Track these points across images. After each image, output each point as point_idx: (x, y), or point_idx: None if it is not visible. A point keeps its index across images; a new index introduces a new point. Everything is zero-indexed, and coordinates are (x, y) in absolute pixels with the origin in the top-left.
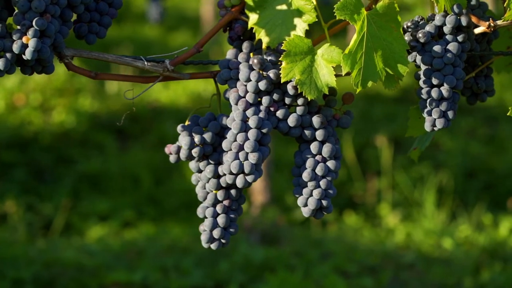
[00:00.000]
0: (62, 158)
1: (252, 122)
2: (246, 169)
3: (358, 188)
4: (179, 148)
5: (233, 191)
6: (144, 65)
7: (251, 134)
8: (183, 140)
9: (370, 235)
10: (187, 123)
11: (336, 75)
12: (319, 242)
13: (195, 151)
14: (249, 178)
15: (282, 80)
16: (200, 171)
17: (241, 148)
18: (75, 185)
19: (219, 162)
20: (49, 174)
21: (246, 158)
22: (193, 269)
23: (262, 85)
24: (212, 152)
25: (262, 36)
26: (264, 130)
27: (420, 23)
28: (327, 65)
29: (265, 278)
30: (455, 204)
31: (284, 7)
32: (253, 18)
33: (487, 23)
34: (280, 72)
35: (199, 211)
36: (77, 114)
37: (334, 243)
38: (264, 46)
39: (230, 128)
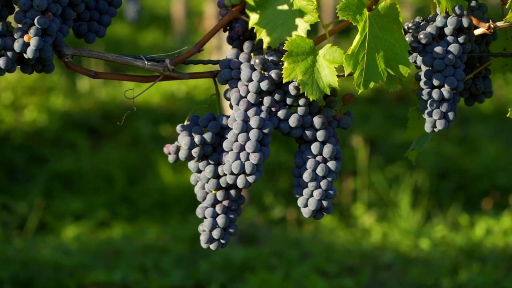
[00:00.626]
0: (34, 157)
1: (253, 122)
2: (247, 169)
3: None
4: (178, 148)
5: (232, 192)
6: (144, 64)
7: (253, 134)
8: (183, 140)
9: (346, 235)
10: (186, 122)
11: (338, 76)
12: (297, 242)
13: (195, 151)
14: (250, 179)
15: (284, 81)
16: (199, 171)
17: (242, 148)
18: (48, 184)
19: (218, 162)
20: (21, 173)
21: (248, 159)
22: (172, 269)
23: (264, 85)
24: (212, 152)
25: (263, 36)
26: (265, 131)
27: (421, 24)
28: (329, 66)
29: (245, 278)
30: (430, 204)
31: (285, 7)
32: (253, 18)
33: (487, 24)
34: (282, 72)
35: (199, 212)
36: (49, 113)
37: (312, 243)
38: (265, 46)
39: (230, 128)
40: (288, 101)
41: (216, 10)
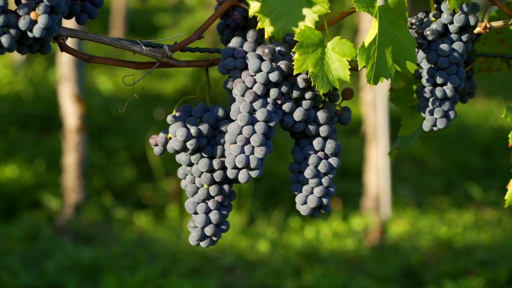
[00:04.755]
0: None
1: (260, 114)
2: (252, 163)
3: (146, 188)
4: (166, 139)
5: (225, 186)
6: (142, 49)
7: (259, 127)
8: (179, 131)
9: (170, 237)
10: (175, 113)
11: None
12: (140, 242)
13: (190, 143)
14: (253, 173)
15: (295, 72)
16: (191, 164)
17: (247, 141)
18: None
19: (212, 156)
20: None
21: (252, 152)
22: (20, 270)
23: (273, 76)
24: (206, 145)
25: (266, 25)
26: (271, 124)
27: (424, 20)
28: (340, 59)
29: (97, 279)
30: (253, 207)
31: None
32: (254, 6)
33: (483, 24)
34: (292, 64)
35: (190, 207)
36: None
37: (155, 244)
38: (266, 36)
39: (227, 120)
40: (295, 94)
41: None
